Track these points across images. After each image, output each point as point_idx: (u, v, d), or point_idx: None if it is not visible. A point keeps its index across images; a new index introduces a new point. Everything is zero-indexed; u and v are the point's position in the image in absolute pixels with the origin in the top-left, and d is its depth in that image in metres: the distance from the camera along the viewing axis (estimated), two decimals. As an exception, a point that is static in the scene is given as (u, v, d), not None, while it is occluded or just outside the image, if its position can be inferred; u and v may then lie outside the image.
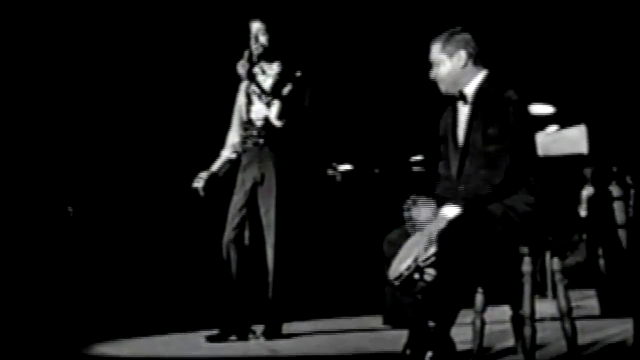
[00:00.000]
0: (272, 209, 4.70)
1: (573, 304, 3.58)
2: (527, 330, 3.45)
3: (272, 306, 4.71)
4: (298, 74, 4.82)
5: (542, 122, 8.77)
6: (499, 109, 3.47)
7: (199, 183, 4.86)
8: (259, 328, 4.77)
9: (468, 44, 3.62)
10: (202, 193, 4.86)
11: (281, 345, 4.50)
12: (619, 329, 4.25)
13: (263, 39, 4.76)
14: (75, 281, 7.70)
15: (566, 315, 3.53)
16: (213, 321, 4.75)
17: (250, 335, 4.73)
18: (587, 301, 5.59)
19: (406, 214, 3.55)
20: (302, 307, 4.84)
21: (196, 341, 4.72)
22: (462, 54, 3.61)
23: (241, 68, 4.75)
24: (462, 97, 3.63)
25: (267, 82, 4.84)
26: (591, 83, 9.06)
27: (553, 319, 4.38)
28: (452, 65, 3.60)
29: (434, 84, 3.67)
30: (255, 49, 4.76)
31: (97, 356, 4.47)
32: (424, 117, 3.89)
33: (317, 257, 8.49)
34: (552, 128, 8.04)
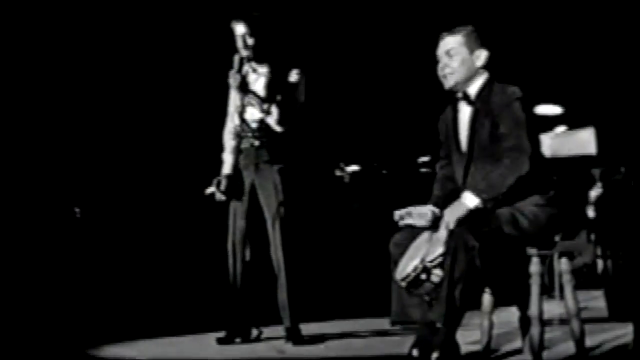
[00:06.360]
0: (275, 212, 4.63)
1: (581, 304, 3.58)
2: (534, 331, 3.45)
3: (290, 310, 4.65)
4: (293, 75, 4.68)
5: (550, 122, 8.77)
6: (506, 105, 3.43)
7: (220, 186, 4.76)
8: (261, 329, 4.78)
9: (483, 44, 3.58)
10: (222, 198, 4.76)
11: (289, 347, 4.50)
12: (626, 330, 4.23)
13: (250, 42, 4.62)
14: (83, 282, 7.71)
15: (574, 316, 3.52)
16: (222, 323, 4.75)
17: (255, 336, 4.73)
18: (595, 302, 5.57)
19: (401, 223, 3.55)
20: (309, 308, 4.83)
21: (205, 343, 4.72)
22: (484, 54, 3.56)
23: (233, 81, 4.63)
24: (465, 97, 3.59)
25: (259, 82, 4.71)
26: (599, 83, 9.04)
27: (561, 320, 4.37)
28: (470, 62, 3.55)
29: (440, 84, 3.62)
30: (244, 50, 4.64)
31: (106, 357, 4.47)
32: (432, 118, 3.86)
33: (324, 258, 8.49)
34: (560, 129, 8.04)
